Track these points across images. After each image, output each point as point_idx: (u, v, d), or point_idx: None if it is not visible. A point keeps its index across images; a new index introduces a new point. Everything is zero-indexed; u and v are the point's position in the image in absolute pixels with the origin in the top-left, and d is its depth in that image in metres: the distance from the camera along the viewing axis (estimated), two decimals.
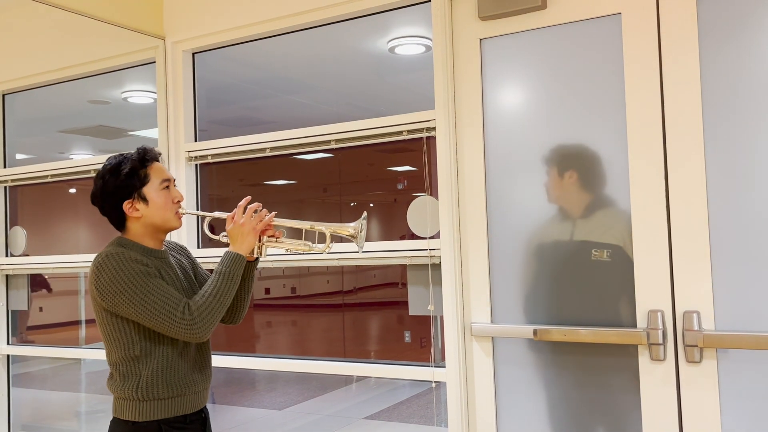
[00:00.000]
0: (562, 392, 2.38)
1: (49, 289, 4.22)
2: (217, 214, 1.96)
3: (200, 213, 2.02)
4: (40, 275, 4.02)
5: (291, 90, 4.25)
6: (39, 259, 3.73)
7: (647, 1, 2.22)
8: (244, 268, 1.92)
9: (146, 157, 1.86)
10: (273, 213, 1.91)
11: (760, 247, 2.05)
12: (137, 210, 1.82)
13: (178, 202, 1.89)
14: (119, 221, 1.86)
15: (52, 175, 3.70)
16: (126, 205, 1.82)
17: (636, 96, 2.23)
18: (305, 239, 1.97)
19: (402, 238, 2.81)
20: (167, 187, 1.87)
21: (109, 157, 1.87)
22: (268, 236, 1.91)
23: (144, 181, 1.83)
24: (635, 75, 2.23)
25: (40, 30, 3.56)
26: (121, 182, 1.80)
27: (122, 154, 1.86)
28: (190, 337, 1.71)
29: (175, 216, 1.88)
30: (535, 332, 2.34)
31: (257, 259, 1.95)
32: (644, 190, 2.22)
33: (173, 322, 1.69)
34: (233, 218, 1.88)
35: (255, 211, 1.88)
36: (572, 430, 2.36)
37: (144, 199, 1.82)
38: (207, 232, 2.00)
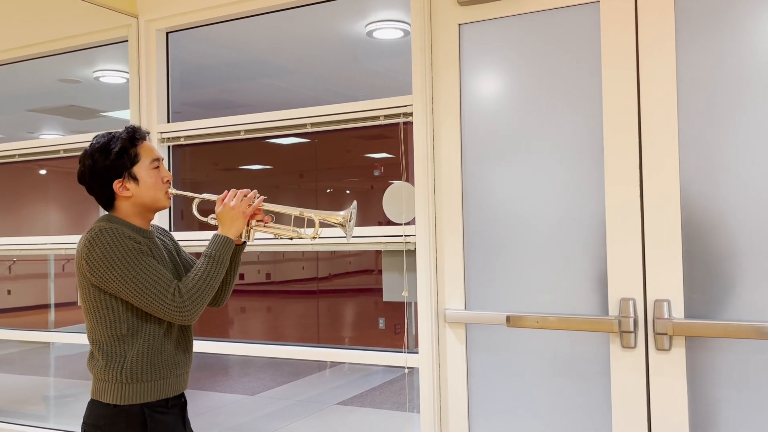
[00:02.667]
0: (534, 379, 2.39)
1: None
2: (206, 195, 1.95)
3: (190, 194, 1.99)
4: None
5: (267, 73, 4.20)
6: (6, 240, 3.65)
7: None
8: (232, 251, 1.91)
9: (136, 136, 1.84)
10: (262, 197, 1.90)
11: (729, 238, 2.08)
12: (127, 189, 1.81)
13: (168, 181, 1.88)
14: (108, 200, 1.84)
15: (21, 155, 3.62)
16: (116, 185, 1.80)
17: (612, 86, 2.24)
18: (293, 225, 1.96)
19: (380, 223, 2.80)
20: (157, 167, 1.86)
21: (96, 136, 1.84)
22: (257, 221, 1.90)
23: (134, 160, 1.81)
24: (612, 64, 2.24)
25: (8, 4, 3.46)
26: (112, 161, 1.79)
27: (110, 133, 1.84)
28: (179, 319, 1.71)
29: (164, 196, 1.87)
30: (508, 319, 2.35)
31: (244, 243, 1.94)
32: (618, 179, 2.23)
33: (164, 303, 1.69)
34: (223, 200, 1.86)
35: (245, 196, 1.86)
36: (543, 416, 2.38)
37: (134, 179, 1.81)
38: (195, 213, 1.99)
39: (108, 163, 1.79)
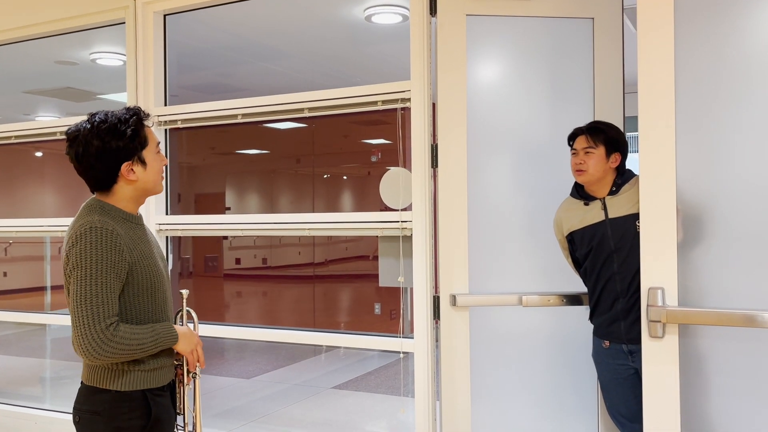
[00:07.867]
0: (528, 360, 2.41)
1: None
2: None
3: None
4: None
5: (265, 57, 4.18)
6: (2, 222, 3.65)
7: (615, 10, 2.36)
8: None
9: (143, 119, 1.78)
10: (198, 372, 1.91)
11: (724, 226, 2.09)
12: (134, 173, 1.75)
13: (164, 166, 1.86)
14: (108, 183, 1.76)
15: (17, 137, 3.61)
16: (125, 168, 1.73)
17: (605, 92, 2.24)
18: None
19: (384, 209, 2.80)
20: (159, 151, 1.82)
21: (94, 115, 1.76)
22: (185, 372, 1.90)
23: (144, 143, 1.76)
24: (603, 74, 2.24)
25: None
26: (125, 143, 1.72)
27: (111, 113, 1.77)
28: (89, 351, 1.63)
29: (161, 181, 1.83)
30: (520, 299, 2.37)
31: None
32: None
33: (91, 326, 1.62)
34: (196, 341, 1.90)
35: (199, 357, 1.89)
36: (541, 401, 2.40)
37: (143, 162, 1.76)
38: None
39: (121, 144, 1.71)
